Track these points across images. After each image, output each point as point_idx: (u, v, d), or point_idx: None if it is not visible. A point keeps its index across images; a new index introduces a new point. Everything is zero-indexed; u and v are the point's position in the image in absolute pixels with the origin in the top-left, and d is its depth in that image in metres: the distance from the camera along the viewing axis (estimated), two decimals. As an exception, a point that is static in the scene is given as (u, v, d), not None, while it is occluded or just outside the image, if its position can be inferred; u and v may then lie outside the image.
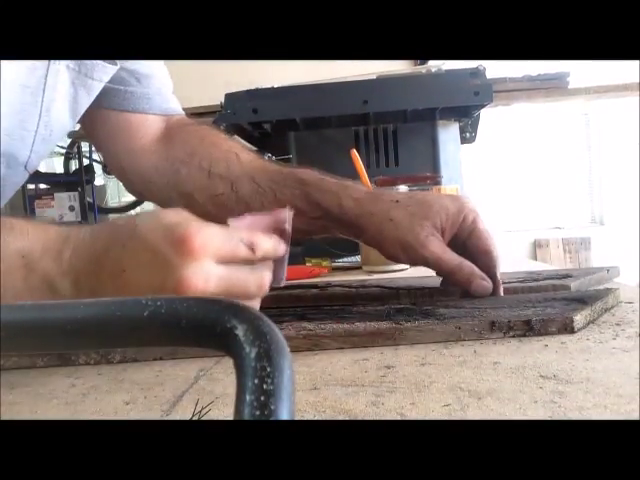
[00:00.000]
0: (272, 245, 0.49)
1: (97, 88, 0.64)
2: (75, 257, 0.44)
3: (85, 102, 0.64)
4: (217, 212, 0.72)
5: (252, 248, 0.47)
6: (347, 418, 0.34)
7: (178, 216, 0.45)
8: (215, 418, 0.35)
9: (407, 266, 1.02)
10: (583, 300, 0.55)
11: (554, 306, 0.54)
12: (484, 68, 1.25)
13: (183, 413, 0.37)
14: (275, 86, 1.35)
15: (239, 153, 0.72)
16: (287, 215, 0.54)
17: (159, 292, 0.44)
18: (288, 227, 0.53)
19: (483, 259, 0.61)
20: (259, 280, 0.47)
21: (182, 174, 0.73)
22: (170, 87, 0.79)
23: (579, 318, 0.50)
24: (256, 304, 0.50)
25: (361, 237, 0.65)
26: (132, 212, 4.24)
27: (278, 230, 0.52)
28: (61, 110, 0.61)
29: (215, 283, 0.44)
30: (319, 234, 0.71)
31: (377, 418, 0.33)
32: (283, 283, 0.54)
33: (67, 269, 0.44)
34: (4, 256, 0.43)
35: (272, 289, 0.54)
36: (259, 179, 0.69)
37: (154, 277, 0.44)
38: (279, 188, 0.67)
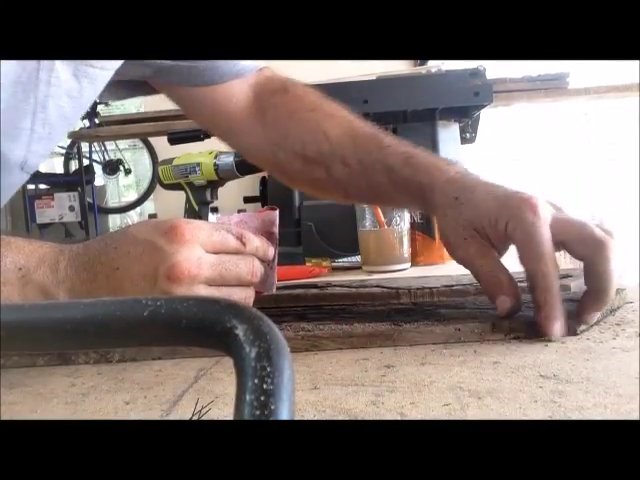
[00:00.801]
0: (260, 243, 0.50)
1: (102, 77, 0.60)
2: (70, 267, 0.46)
3: (91, 94, 0.60)
4: (320, 195, 0.71)
5: (241, 240, 0.48)
6: (347, 418, 0.34)
7: (167, 219, 0.47)
8: (215, 418, 0.35)
9: (407, 265, 1.02)
10: None
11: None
12: (484, 68, 1.25)
13: (183, 413, 0.37)
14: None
15: (327, 130, 0.67)
16: (275, 218, 0.54)
17: (152, 281, 0.45)
18: (276, 230, 0.53)
19: (520, 255, 0.49)
20: (250, 267, 0.48)
21: (280, 157, 0.69)
22: None
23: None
24: (250, 292, 0.50)
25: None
26: (132, 212, 4.25)
27: (266, 233, 0.53)
28: (63, 106, 0.58)
29: (207, 268, 0.45)
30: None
31: (377, 418, 0.33)
32: (274, 289, 0.54)
33: (62, 279, 0.45)
34: (1, 269, 0.44)
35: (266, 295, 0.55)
36: (349, 161, 0.65)
37: (147, 267, 0.45)
38: (368, 173, 0.63)
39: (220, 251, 0.47)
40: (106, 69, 0.60)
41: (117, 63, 0.61)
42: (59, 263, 0.46)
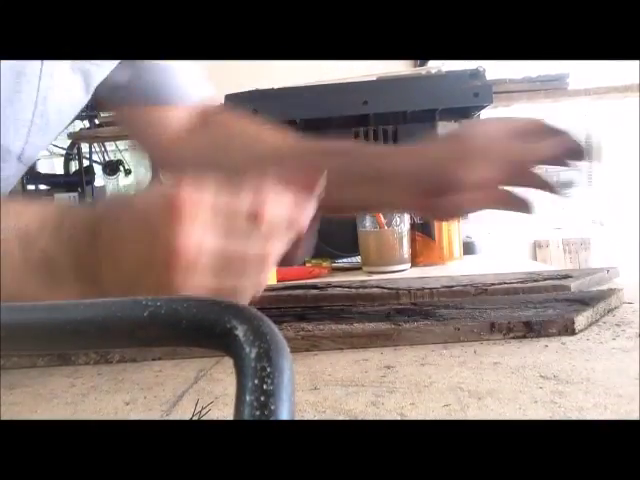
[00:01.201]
0: (286, 210, 0.41)
1: (95, 74, 0.61)
2: (73, 228, 0.43)
3: (84, 89, 0.61)
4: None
5: (257, 217, 0.40)
6: (347, 418, 0.34)
7: (173, 190, 0.40)
8: (215, 418, 0.35)
9: (407, 266, 1.02)
10: (585, 301, 0.55)
11: (555, 307, 0.54)
12: (484, 69, 1.25)
13: (183, 413, 0.37)
14: (275, 87, 1.35)
15: (267, 138, 0.66)
16: (321, 181, 0.41)
17: (150, 266, 0.41)
18: (318, 194, 0.42)
19: None
20: (260, 257, 0.41)
21: (220, 157, 0.67)
22: (192, 74, 0.72)
23: (580, 319, 0.50)
24: (259, 280, 0.41)
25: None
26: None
27: (306, 196, 0.41)
28: (60, 99, 0.58)
29: (207, 259, 0.39)
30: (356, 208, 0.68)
31: (377, 418, 0.33)
32: (308, 256, 0.48)
33: (66, 240, 0.43)
34: (2, 236, 0.42)
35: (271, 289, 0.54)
36: (298, 156, 0.62)
37: (146, 249, 0.40)
38: (320, 159, 0.60)
39: (228, 232, 0.40)
40: (101, 67, 0.60)
41: (112, 63, 0.61)
42: (62, 224, 0.43)
